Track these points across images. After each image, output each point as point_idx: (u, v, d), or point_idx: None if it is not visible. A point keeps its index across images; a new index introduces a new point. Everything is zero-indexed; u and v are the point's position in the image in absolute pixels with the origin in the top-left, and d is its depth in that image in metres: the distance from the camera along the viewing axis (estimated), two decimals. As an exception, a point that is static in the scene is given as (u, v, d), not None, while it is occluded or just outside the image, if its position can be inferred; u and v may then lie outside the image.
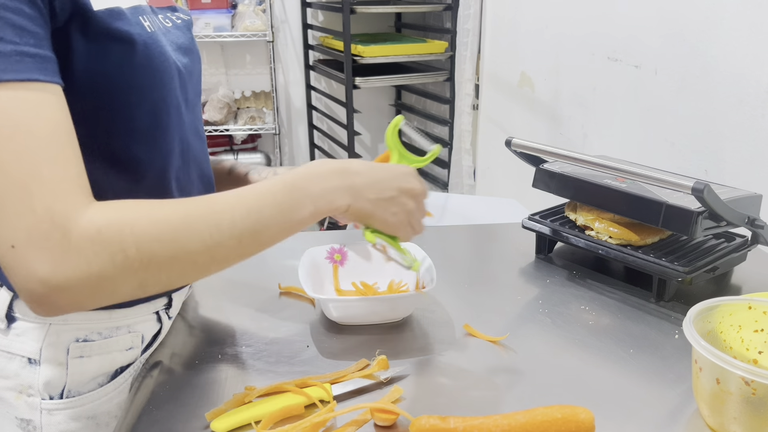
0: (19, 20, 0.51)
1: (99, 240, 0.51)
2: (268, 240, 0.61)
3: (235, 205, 0.59)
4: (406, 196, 0.69)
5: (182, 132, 0.71)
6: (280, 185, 0.62)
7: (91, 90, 0.59)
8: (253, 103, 3.08)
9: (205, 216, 0.57)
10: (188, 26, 0.76)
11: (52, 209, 0.50)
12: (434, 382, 0.72)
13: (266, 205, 0.60)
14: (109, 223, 0.52)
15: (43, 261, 0.49)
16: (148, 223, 0.54)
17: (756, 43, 1.17)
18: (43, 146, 0.51)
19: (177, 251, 0.55)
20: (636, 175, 0.87)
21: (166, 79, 0.65)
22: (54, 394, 0.70)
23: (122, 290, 0.54)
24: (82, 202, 0.52)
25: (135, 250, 0.52)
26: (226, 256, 0.59)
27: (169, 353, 0.78)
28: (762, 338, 0.69)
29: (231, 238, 0.58)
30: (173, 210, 0.56)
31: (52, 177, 0.51)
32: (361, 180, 0.66)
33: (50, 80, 0.53)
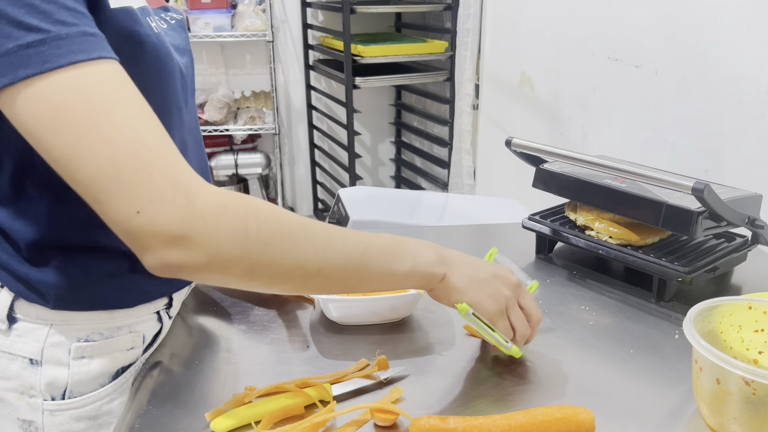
0: (70, 3, 0.52)
1: (224, 213, 0.52)
2: (368, 278, 0.63)
3: (345, 233, 0.61)
4: (501, 283, 0.69)
5: (181, 132, 0.71)
6: (386, 236, 0.65)
7: None
8: (253, 103, 3.08)
9: (320, 230, 0.59)
10: (182, 26, 0.77)
11: (172, 176, 0.51)
12: (434, 382, 0.72)
13: (373, 245, 0.62)
14: (235, 202, 0.54)
15: (170, 221, 0.50)
16: (272, 215, 0.56)
17: (756, 43, 1.17)
18: (139, 117, 0.52)
19: (292, 248, 0.56)
20: (636, 175, 0.87)
21: (171, 80, 0.66)
22: (56, 395, 0.70)
23: (234, 269, 0.54)
24: (197, 176, 0.54)
25: (257, 230, 0.54)
26: (329, 275, 0.59)
27: (169, 353, 0.78)
28: (762, 338, 0.69)
29: (340, 257, 0.59)
30: (293, 215, 0.58)
31: (159, 146, 0.52)
32: (455, 258, 0.68)
33: (113, 57, 0.54)
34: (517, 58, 2.16)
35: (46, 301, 0.67)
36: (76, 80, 0.50)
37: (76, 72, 0.50)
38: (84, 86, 0.51)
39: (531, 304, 0.72)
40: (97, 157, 0.50)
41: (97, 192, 0.51)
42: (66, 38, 0.50)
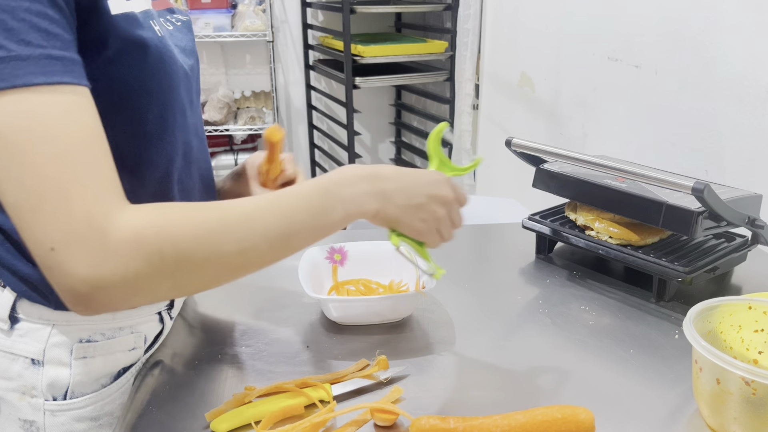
0: (44, 24, 0.51)
1: (136, 241, 0.52)
2: (300, 243, 0.62)
3: (268, 209, 0.59)
4: (437, 204, 0.69)
5: (186, 134, 0.71)
6: (312, 189, 0.62)
7: (105, 93, 0.59)
8: (253, 103, 3.08)
9: (239, 220, 0.58)
10: (188, 27, 0.77)
11: (90, 211, 0.51)
12: (434, 382, 0.72)
13: (299, 210, 0.61)
14: (146, 225, 0.53)
15: (82, 262, 0.50)
16: (185, 226, 0.55)
17: (756, 43, 1.17)
18: (79, 149, 0.52)
19: (212, 253, 0.56)
20: (636, 175, 0.87)
21: (175, 82, 0.66)
22: (57, 395, 0.70)
23: (158, 290, 0.55)
24: (118, 205, 0.53)
25: (172, 252, 0.53)
26: (259, 259, 0.60)
27: (169, 353, 0.78)
28: (762, 338, 0.69)
29: (264, 241, 0.59)
30: (209, 213, 0.57)
31: (89, 180, 0.52)
32: (390, 185, 0.66)
33: (79, 82, 0.53)
34: (517, 58, 2.16)
35: (48, 302, 0.67)
36: (24, 103, 0.50)
37: (28, 95, 0.50)
38: (31, 110, 0.50)
39: (460, 218, 0.73)
40: (24, 185, 0.50)
41: (18, 219, 0.51)
42: (27, 59, 0.50)
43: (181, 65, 0.67)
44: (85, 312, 0.53)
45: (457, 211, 0.72)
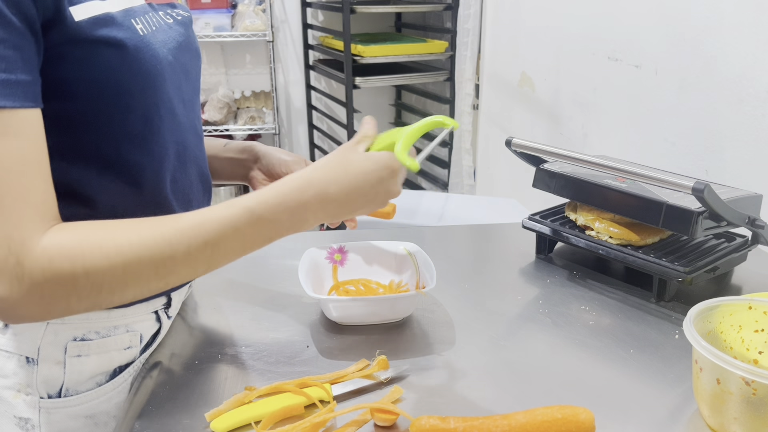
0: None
1: (50, 269, 0.53)
2: (223, 264, 0.62)
3: (191, 236, 0.58)
4: (380, 202, 0.68)
5: (178, 133, 0.71)
6: (245, 218, 0.60)
7: (82, 96, 0.59)
8: (253, 103, 3.08)
9: (159, 246, 0.57)
10: (188, 23, 0.76)
11: (10, 236, 0.52)
12: (434, 382, 0.72)
13: (225, 237, 0.59)
14: (60, 252, 0.54)
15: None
16: (100, 256, 0.55)
17: (756, 43, 1.17)
18: (5, 175, 0.52)
19: (128, 279, 0.56)
20: (636, 175, 0.87)
21: (158, 82, 0.65)
22: (52, 393, 0.70)
23: (76, 309, 0.56)
24: (39, 229, 0.54)
25: (85, 279, 0.54)
26: (179, 280, 0.60)
27: (168, 353, 0.78)
28: (762, 338, 0.69)
29: (185, 266, 0.59)
30: (127, 240, 0.56)
31: (13, 206, 0.53)
32: (333, 207, 0.65)
33: (20, 106, 0.53)
34: (517, 58, 2.16)
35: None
36: None
37: None
38: None
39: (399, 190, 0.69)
40: None
41: None
42: None
43: (168, 63, 0.66)
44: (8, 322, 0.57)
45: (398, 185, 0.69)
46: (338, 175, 0.64)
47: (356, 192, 0.65)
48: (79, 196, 0.64)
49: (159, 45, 0.65)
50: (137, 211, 0.67)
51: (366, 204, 0.67)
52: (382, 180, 0.66)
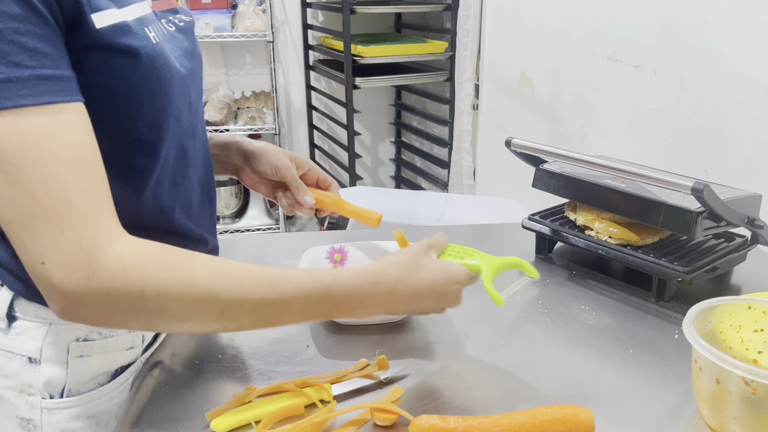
0: (33, 43, 0.52)
1: (123, 277, 0.54)
2: (281, 325, 0.63)
3: (266, 290, 0.59)
4: (446, 304, 0.69)
5: (180, 137, 0.71)
6: (318, 290, 0.61)
7: (95, 103, 0.59)
8: (253, 103, 3.08)
9: (232, 291, 0.57)
10: (191, 29, 0.76)
11: (81, 233, 0.53)
12: (434, 382, 0.72)
13: (295, 301, 0.60)
14: (136, 266, 0.54)
15: (67, 280, 0.52)
16: (175, 280, 0.55)
17: (756, 43, 1.17)
18: (69, 170, 0.53)
19: (193, 313, 0.57)
20: (636, 175, 0.87)
21: (168, 89, 0.65)
22: (54, 394, 0.70)
23: (132, 325, 0.57)
24: (111, 233, 0.55)
25: (154, 300, 0.55)
26: (237, 328, 0.61)
27: (169, 353, 0.78)
28: (762, 338, 0.69)
29: (249, 318, 0.59)
30: (204, 274, 0.57)
31: (79, 201, 0.53)
32: (398, 305, 0.66)
33: (70, 100, 0.54)
34: (517, 58, 2.16)
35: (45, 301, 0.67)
36: (16, 124, 0.51)
37: (19, 117, 0.51)
38: (22, 131, 0.51)
39: (460, 300, 0.69)
40: (18, 203, 0.52)
41: (13, 233, 0.53)
42: (16, 81, 0.51)
43: (177, 70, 0.66)
44: (65, 319, 0.56)
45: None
46: (409, 276, 0.65)
47: (421, 296, 0.66)
48: None
49: (169, 53, 0.66)
50: (138, 216, 0.67)
51: (425, 308, 0.68)
52: (447, 292, 0.67)
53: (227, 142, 0.90)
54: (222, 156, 0.90)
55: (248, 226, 3.10)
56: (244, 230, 3.08)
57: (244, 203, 3.16)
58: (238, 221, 3.12)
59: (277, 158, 0.87)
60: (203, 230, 0.77)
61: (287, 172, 0.87)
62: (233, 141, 0.90)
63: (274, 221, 3.14)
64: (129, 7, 0.61)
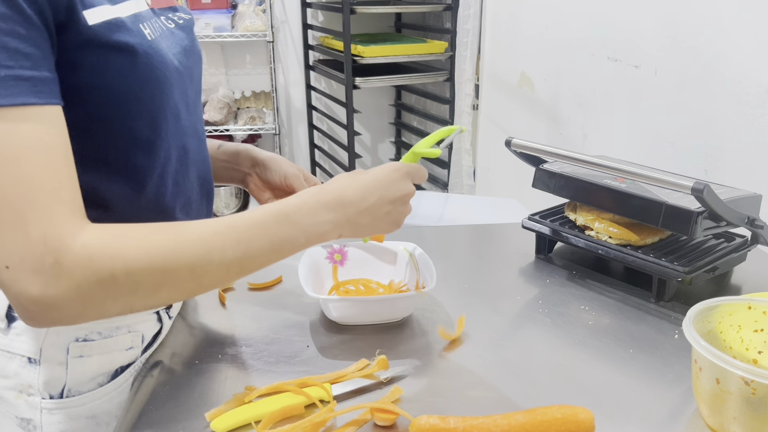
0: (13, 43, 0.51)
1: (90, 266, 0.53)
2: (255, 267, 0.63)
3: (225, 235, 0.59)
4: (399, 204, 0.71)
5: (181, 137, 0.71)
6: (272, 217, 0.62)
7: (92, 102, 0.59)
8: (253, 103, 3.08)
9: (195, 245, 0.58)
10: (190, 26, 0.76)
11: (47, 234, 0.52)
12: (434, 382, 0.72)
13: (257, 236, 0.61)
14: (101, 250, 0.54)
15: (35, 283, 0.51)
16: (140, 252, 0.55)
17: (756, 43, 1.17)
18: (39, 172, 0.52)
19: (165, 279, 0.56)
20: (636, 175, 0.87)
21: (166, 87, 0.65)
22: (54, 394, 0.70)
23: (110, 311, 0.56)
24: (75, 226, 0.54)
25: (124, 278, 0.54)
26: (212, 282, 0.60)
27: (169, 353, 0.78)
28: (762, 338, 0.69)
29: (220, 266, 0.59)
30: (165, 238, 0.57)
31: (47, 203, 0.52)
32: (353, 210, 0.67)
33: (47, 102, 0.53)
34: (517, 58, 2.16)
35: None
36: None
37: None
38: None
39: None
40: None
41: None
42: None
43: (174, 68, 0.66)
44: (37, 326, 0.55)
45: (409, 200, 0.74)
46: (352, 180, 0.68)
47: (370, 193, 0.68)
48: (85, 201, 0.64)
49: (166, 50, 0.65)
50: (139, 215, 0.67)
51: (383, 207, 0.69)
52: (393, 180, 0.70)
53: (237, 150, 0.91)
54: (231, 164, 0.90)
55: (248, 226, 3.09)
56: (244, 230, 3.07)
57: (244, 203, 3.16)
58: (238, 221, 3.12)
59: (287, 167, 0.88)
60: None
61: (296, 181, 0.88)
62: (243, 149, 0.91)
63: (274, 221, 3.14)
64: (123, 4, 0.61)
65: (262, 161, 0.89)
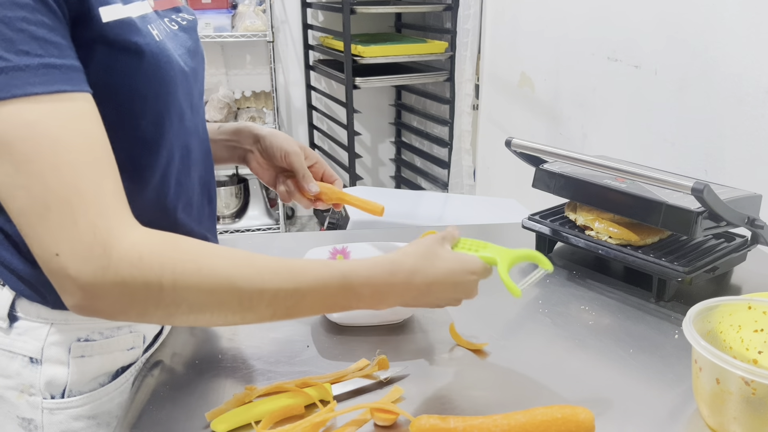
0: (41, 32, 0.51)
1: (139, 266, 0.53)
2: (299, 316, 0.62)
3: (285, 279, 0.58)
4: (462, 295, 0.68)
5: (184, 137, 0.71)
6: (337, 282, 0.61)
7: (99, 100, 0.59)
8: (253, 103, 3.08)
9: (251, 280, 0.57)
10: (194, 28, 0.76)
11: (95, 224, 0.52)
12: (434, 382, 0.72)
13: (313, 291, 0.60)
14: (153, 254, 0.53)
15: (83, 271, 0.51)
16: (193, 269, 0.55)
17: (756, 43, 1.17)
18: (81, 159, 0.52)
19: (211, 302, 0.56)
20: (636, 175, 0.87)
21: (172, 87, 0.65)
22: (55, 394, 0.70)
23: (151, 316, 0.56)
24: (125, 223, 0.54)
25: (171, 290, 0.54)
26: (254, 319, 0.60)
27: (169, 353, 0.78)
28: (762, 338, 0.69)
29: (267, 308, 0.58)
30: (221, 263, 0.56)
31: (92, 191, 0.52)
32: (412, 296, 0.65)
33: (79, 89, 0.54)
34: (517, 58, 2.16)
35: (46, 301, 0.67)
36: (26, 113, 0.50)
37: (28, 105, 0.50)
38: (33, 120, 0.51)
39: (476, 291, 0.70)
40: (30, 192, 0.51)
41: (25, 225, 0.52)
42: (25, 69, 0.50)
43: (180, 69, 0.66)
44: (81, 314, 0.55)
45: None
46: (426, 266, 0.65)
47: (438, 286, 0.66)
48: None
49: (172, 51, 0.66)
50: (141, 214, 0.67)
51: (441, 299, 0.68)
52: (464, 282, 0.67)
53: (239, 127, 0.90)
54: (233, 141, 0.89)
55: (248, 226, 3.10)
56: (244, 230, 3.08)
57: (244, 203, 3.17)
58: (238, 221, 3.12)
59: (288, 144, 0.87)
60: (204, 229, 0.78)
61: (296, 159, 0.86)
62: (245, 126, 0.90)
63: (274, 221, 3.14)
64: (134, 4, 0.62)
65: (262, 137, 0.88)
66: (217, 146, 0.89)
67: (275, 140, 0.87)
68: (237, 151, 0.90)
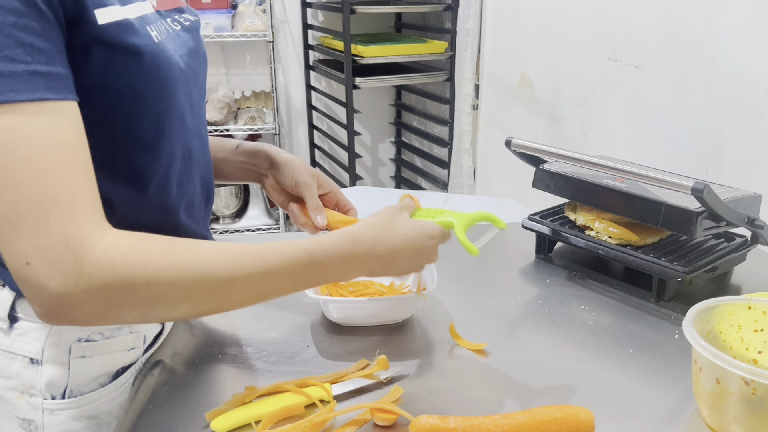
0: (29, 38, 0.51)
1: (111, 272, 0.53)
2: (272, 298, 0.63)
3: (253, 264, 0.59)
4: (423, 260, 0.70)
5: (185, 138, 0.71)
6: (304, 259, 0.62)
7: (97, 102, 0.59)
8: (253, 103, 3.08)
9: (220, 269, 0.58)
10: (196, 28, 0.76)
11: (67, 232, 0.51)
12: (434, 382, 0.72)
13: (283, 273, 0.61)
14: (124, 257, 0.53)
15: (55, 280, 0.51)
16: (163, 267, 0.55)
17: (756, 43, 1.17)
18: (58, 168, 0.52)
19: (185, 296, 0.56)
20: (636, 175, 0.87)
21: (171, 89, 0.65)
22: (56, 394, 0.70)
23: (127, 318, 0.56)
24: (97, 228, 0.54)
25: (144, 290, 0.54)
26: (229, 306, 0.60)
27: (169, 353, 0.78)
28: (762, 338, 0.69)
29: (240, 294, 0.59)
30: (190, 257, 0.57)
31: (67, 199, 0.52)
32: (378, 264, 0.67)
33: (63, 98, 0.53)
34: (517, 58, 2.16)
35: (47, 301, 0.67)
36: (7, 120, 0.50)
37: (9, 112, 0.50)
38: (12, 127, 0.50)
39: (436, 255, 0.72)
40: (4, 200, 0.50)
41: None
42: (10, 76, 0.50)
43: (180, 70, 0.66)
44: (52, 323, 0.55)
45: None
46: (386, 235, 0.67)
47: (400, 253, 0.67)
48: None
49: (172, 52, 0.65)
50: (143, 216, 0.67)
51: (405, 266, 0.69)
52: (424, 248, 0.69)
53: (256, 150, 0.90)
54: (249, 164, 0.90)
55: (248, 226, 3.10)
56: (244, 230, 3.08)
57: (244, 203, 3.17)
58: (238, 221, 3.12)
59: (299, 174, 0.86)
60: (202, 228, 0.78)
61: (306, 190, 0.86)
62: (262, 149, 0.90)
63: (274, 221, 3.14)
64: (132, 5, 0.61)
65: (278, 163, 0.88)
66: (233, 167, 0.89)
67: (288, 170, 0.87)
68: (253, 174, 0.90)
